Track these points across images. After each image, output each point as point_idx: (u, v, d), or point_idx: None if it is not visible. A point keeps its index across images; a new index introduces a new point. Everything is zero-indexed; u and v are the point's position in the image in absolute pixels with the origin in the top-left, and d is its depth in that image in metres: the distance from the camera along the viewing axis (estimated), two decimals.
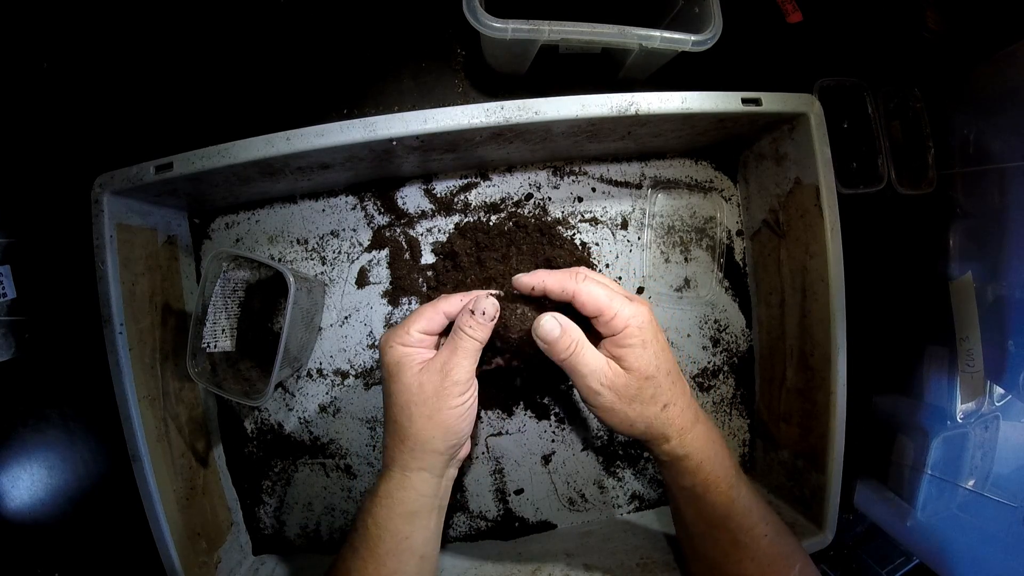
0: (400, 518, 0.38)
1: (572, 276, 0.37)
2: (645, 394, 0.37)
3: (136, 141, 0.51)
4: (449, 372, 0.37)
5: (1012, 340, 0.52)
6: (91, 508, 0.51)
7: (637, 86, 0.55)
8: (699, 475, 0.38)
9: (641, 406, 0.37)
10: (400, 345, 0.38)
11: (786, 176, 0.50)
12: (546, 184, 0.54)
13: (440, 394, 0.37)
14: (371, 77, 0.53)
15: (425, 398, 0.37)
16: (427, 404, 0.37)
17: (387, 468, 0.39)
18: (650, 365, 0.37)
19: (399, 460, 0.38)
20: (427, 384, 0.37)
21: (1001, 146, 0.54)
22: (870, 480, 0.60)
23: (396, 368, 0.38)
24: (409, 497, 0.38)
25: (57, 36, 0.51)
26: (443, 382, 0.37)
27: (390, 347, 0.38)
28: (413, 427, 0.37)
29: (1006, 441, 0.56)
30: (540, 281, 0.38)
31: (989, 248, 0.55)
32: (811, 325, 0.49)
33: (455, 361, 0.37)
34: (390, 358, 0.38)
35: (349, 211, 0.52)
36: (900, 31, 0.61)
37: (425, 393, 0.37)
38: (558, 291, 0.38)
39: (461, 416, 0.38)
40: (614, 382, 0.37)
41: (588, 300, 0.36)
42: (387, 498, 0.38)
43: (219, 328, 0.47)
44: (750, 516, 0.39)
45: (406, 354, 0.38)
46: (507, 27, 0.41)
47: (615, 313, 0.36)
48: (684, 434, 0.38)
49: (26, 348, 0.49)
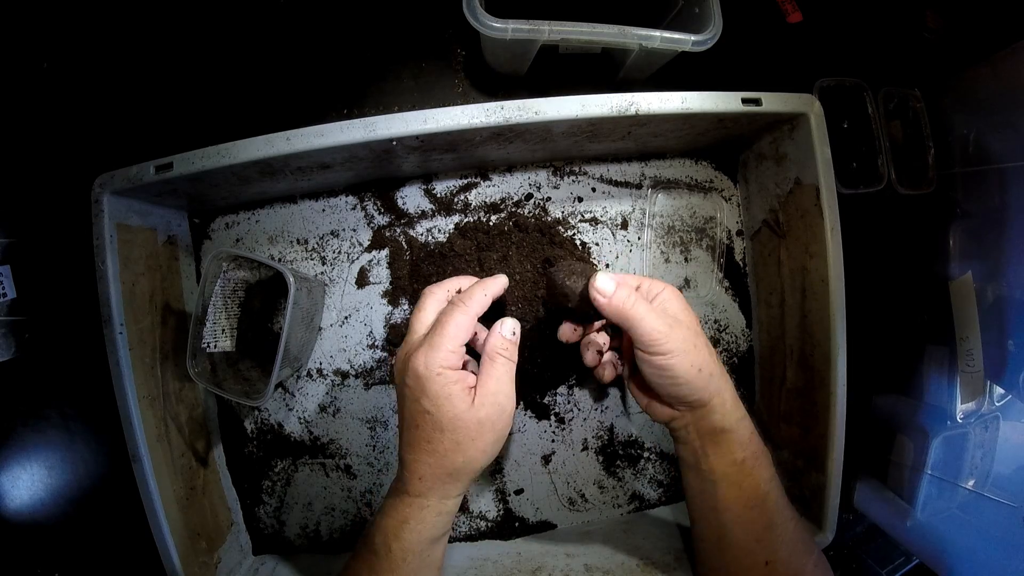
0: (429, 542, 0.37)
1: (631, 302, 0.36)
2: (700, 339, 0.37)
3: (136, 141, 0.51)
4: (504, 405, 0.36)
5: (1012, 340, 0.52)
6: (91, 508, 0.51)
7: (637, 86, 0.55)
8: (751, 445, 0.38)
9: (701, 348, 0.37)
10: (450, 371, 0.35)
11: (786, 176, 0.50)
12: (546, 184, 0.54)
13: (496, 428, 0.36)
14: (371, 77, 0.53)
15: (482, 433, 0.35)
16: (484, 438, 0.35)
17: (420, 496, 0.36)
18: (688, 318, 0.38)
19: (439, 491, 0.36)
20: (484, 420, 0.35)
21: (1001, 146, 0.54)
22: (870, 480, 0.60)
23: (445, 401, 0.34)
24: (442, 522, 0.37)
25: (57, 36, 0.51)
26: (501, 415, 0.36)
27: (438, 375, 0.34)
28: (465, 459, 0.35)
29: (1006, 441, 0.56)
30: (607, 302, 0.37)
31: (989, 248, 0.55)
32: (811, 325, 0.49)
33: (504, 390, 0.36)
34: (437, 387, 0.34)
35: (349, 211, 0.52)
36: (900, 31, 0.61)
37: (482, 429, 0.35)
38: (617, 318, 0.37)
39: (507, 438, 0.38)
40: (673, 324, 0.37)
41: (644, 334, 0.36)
42: (420, 524, 0.36)
43: (219, 328, 0.47)
44: (782, 497, 0.39)
45: (455, 382, 0.35)
46: (507, 27, 0.41)
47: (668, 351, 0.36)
48: (726, 403, 0.38)
49: (26, 348, 0.49)
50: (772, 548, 0.39)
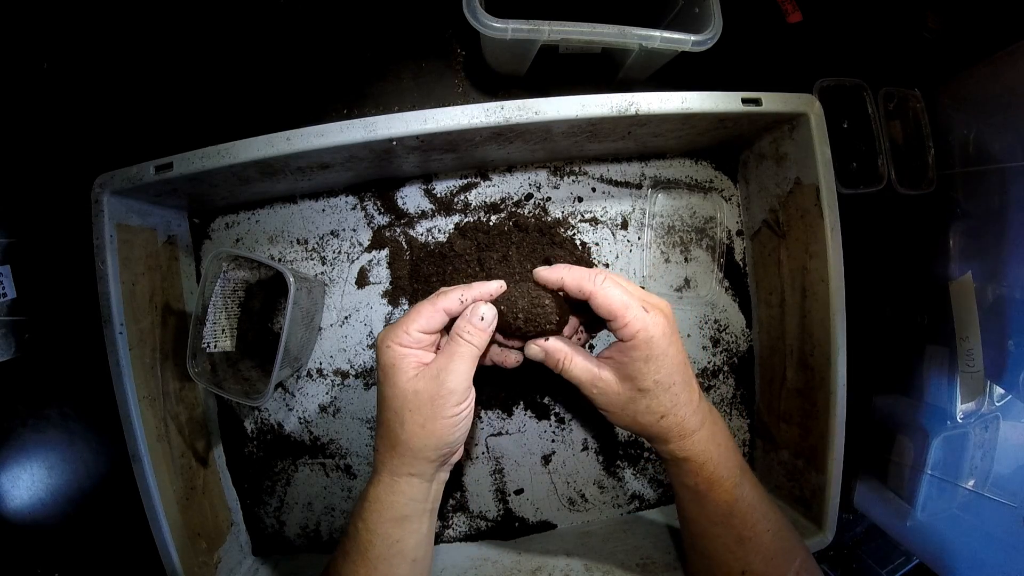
0: (390, 523, 0.37)
1: (591, 277, 0.36)
2: (639, 405, 0.37)
3: (136, 141, 0.51)
4: (445, 380, 0.36)
5: (1012, 340, 0.52)
6: (91, 508, 0.51)
7: (637, 86, 0.55)
8: (702, 475, 0.38)
9: (635, 413, 0.37)
10: (397, 345, 0.36)
11: (786, 176, 0.50)
12: (546, 184, 0.54)
13: (435, 403, 0.36)
14: (371, 77, 0.53)
15: (419, 405, 0.36)
16: (421, 412, 0.36)
17: (376, 472, 0.38)
18: (647, 380, 0.36)
19: (388, 465, 0.37)
20: (423, 391, 0.36)
21: (1001, 146, 0.54)
22: (870, 480, 0.60)
23: (391, 370, 0.36)
24: (399, 502, 0.38)
25: (57, 36, 0.51)
26: (439, 390, 0.36)
27: (387, 347, 0.36)
28: (404, 433, 0.36)
29: (1006, 441, 0.56)
30: (559, 277, 0.37)
31: (989, 248, 0.55)
32: (811, 325, 0.49)
33: (452, 367, 0.36)
34: (386, 358, 0.36)
35: (349, 211, 0.52)
36: (900, 31, 0.61)
37: (420, 400, 0.36)
38: (575, 290, 0.37)
39: (456, 426, 0.37)
40: (607, 389, 0.37)
41: (603, 303, 0.36)
42: (377, 503, 0.37)
43: (219, 328, 0.47)
44: (753, 514, 0.39)
45: (402, 355, 0.36)
46: (507, 27, 0.41)
47: (627, 322, 0.35)
48: (685, 439, 0.38)
49: (26, 348, 0.49)
50: (745, 560, 0.39)
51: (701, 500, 0.39)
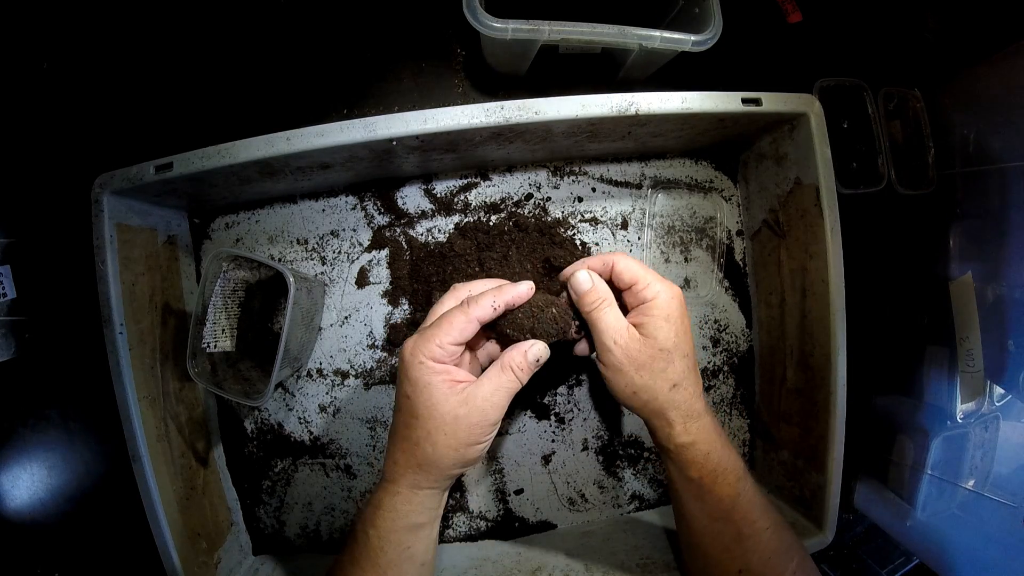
0: (404, 530, 0.37)
1: (612, 253, 0.40)
2: (656, 365, 0.37)
3: (136, 141, 0.51)
4: (488, 412, 0.35)
5: (1012, 340, 0.52)
6: (91, 508, 0.51)
7: (637, 86, 0.55)
8: (707, 465, 0.38)
9: (649, 376, 0.37)
10: (431, 361, 0.35)
11: (786, 176, 0.50)
12: (546, 184, 0.54)
13: (473, 430, 0.35)
14: (371, 77, 0.53)
15: (456, 430, 0.35)
16: (456, 436, 0.35)
17: (392, 482, 0.37)
18: (668, 339, 0.37)
19: (409, 479, 0.37)
20: (462, 418, 0.35)
21: (1001, 146, 0.54)
22: (870, 480, 0.60)
23: (427, 389, 0.35)
24: (415, 511, 0.37)
25: (57, 36, 0.51)
26: (482, 420, 0.35)
27: (419, 363, 0.35)
28: (436, 454, 0.35)
29: (1006, 441, 0.56)
30: (580, 262, 0.41)
31: (989, 248, 0.55)
32: (811, 325, 0.49)
33: (496, 401, 0.35)
34: (419, 375, 0.35)
35: (349, 211, 0.52)
36: (900, 31, 0.61)
37: (458, 425, 0.35)
38: (599, 265, 0.39)
39: (485, 448, 0.37)
40: (628, 344, 0.37)
41: (625, 270, 0.38)
42: (392, 511, 0.37)
43: (219, 328, 0.47)
44: (754, 510, 0.39)
45: (437, 372, 0.35)
46: (507, 27, 0.41)
47: (647, 284, 0.38)
48: (690, 420, 0.38)
49: (26, 348, 0.49)
50: (743, 558, 0.39)
51: (703, 495, 0.39)
